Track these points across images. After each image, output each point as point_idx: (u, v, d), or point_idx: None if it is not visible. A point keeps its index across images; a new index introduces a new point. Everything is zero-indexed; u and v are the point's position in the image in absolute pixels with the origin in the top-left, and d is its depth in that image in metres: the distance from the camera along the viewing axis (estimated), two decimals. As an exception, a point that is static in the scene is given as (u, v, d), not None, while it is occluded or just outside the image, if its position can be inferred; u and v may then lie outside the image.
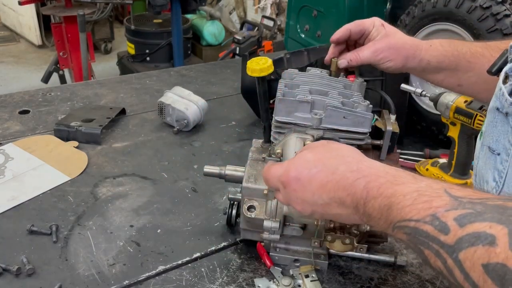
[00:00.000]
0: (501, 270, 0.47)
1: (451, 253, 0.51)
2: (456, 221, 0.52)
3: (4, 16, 5.90)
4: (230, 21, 5.19)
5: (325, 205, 0.70)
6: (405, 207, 0.57)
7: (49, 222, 1.13)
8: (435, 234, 0.53)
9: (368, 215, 0.64)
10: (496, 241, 0.48)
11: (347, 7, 2.06)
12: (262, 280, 1.00)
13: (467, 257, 0.50)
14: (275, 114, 0.95)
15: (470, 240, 0.50)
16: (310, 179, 0.70)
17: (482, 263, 0.48)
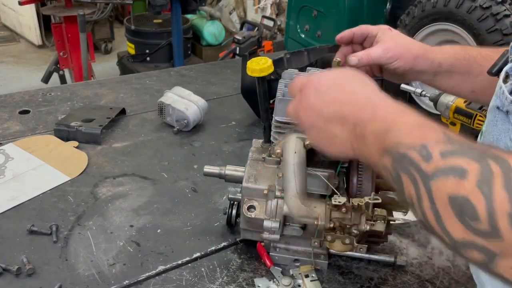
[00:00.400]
0: (463, 201, 0.50)
1: (425, 181, 0.54)
2: (440, 153, 0.54)
3: (4, 16, 5.90)
4: (230, 21, 5.19)
5: (327, 120, 0.72)
6: (402, 134, 0.60)
7: (49, 222, 1.13)
8: (418, 161, 0.55)
9: (362, 138, 0.66)
10: (467, 175, 0.50)
11: (347, 7, 2.07)
12: (262, 280, 1.00)
13: (438, 186, 0.52)
14: (275, 114, 0.95)
15: (445, 171, 0.52)
16: (328, 90, 0.73)
17: (449, 194, 0.51)
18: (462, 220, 0.50)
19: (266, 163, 1.01)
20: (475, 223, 0.49)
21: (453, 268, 1.07)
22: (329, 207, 0.92)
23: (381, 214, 0.90)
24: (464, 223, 0.50)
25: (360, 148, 0.68)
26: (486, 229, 0.49)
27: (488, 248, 0.49)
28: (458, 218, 0.51)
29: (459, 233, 0.51)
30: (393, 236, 1.15)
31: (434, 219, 0.54)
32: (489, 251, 0.50)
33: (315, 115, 0.74)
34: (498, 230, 0.48)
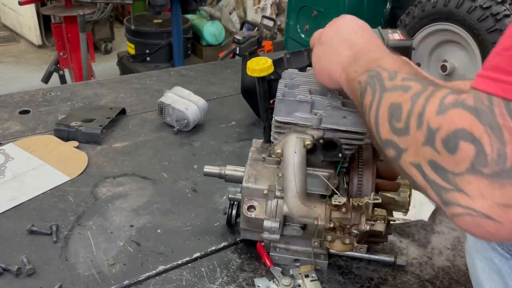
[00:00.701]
0: (396, 107, 0.61)
1: (381, 92, 0.66)
2: (403, 78, 0.66)
3: (4, 16, 5.89)
4: (230, 21, 5.19)
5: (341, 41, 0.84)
6: (386, 62, 0.72)
7: (49, 222, 1.13)
8: (385, 79, 0.67)
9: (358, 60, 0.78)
10: (409, 90, 0.61)
11: (347, 7, 2.07)
12: (262, 280, 1.00)
13: (388, 96, 0.65)
14: (275, 114, 0.95)
15: (397, 87, 0.64)
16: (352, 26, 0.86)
17: (391, 101, 0.63)
18: (389, 122, 0.62)
19: (266, 163, 1.01)
20: (397, 123, 0.61)
21: (453, 268, 1.07)
22: (329, 207, 0.92)
23: (381, 214, 0.90)
24: (390, 124, 0.62)
25: (350, 67, 0.79)
26: (402, 127, 0.60)
27: (399, 145, 0.61)
28: (388, 120, 0.63)
29: (385, 133, 0.63)
30: (393, 236, 1.15)
31: (374, 122, 0.66)
32: (399, 147, 0.61)
33: (336, 34, 0.85)
34: (408, 127, 0.59)
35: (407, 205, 1.03)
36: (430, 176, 0.57)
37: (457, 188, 0.54)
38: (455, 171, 0.53)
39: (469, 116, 0.52)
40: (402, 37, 1.29)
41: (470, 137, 0.52)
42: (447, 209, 0.56)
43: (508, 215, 0.51)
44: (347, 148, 0.93)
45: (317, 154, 0.94)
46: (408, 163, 0.60)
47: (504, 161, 0.50)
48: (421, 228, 1.19)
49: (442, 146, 0.54)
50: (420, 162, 0.57)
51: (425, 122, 0.56)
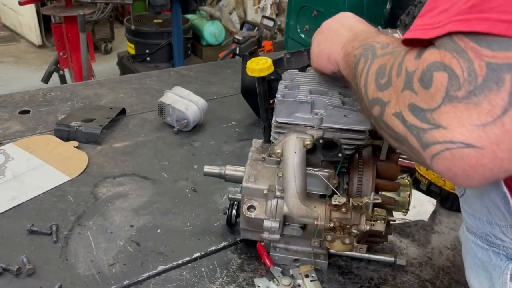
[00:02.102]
0: (382, 67, 0.65)
1: (373, 58, 0.70)
2: (395, 46, 0.69)
3: (4, 16, 5.89)
4: (230, 21, 5.19)
5: (342, 25, 0.89)
6: (381, 37, 0.76)
7: (49, 222, 1.13)
8: (377, 49, 0.71)
9: (357, 37, 0.81)
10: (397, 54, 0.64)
11: (347, 7, 2.06)
12: (262, 280, 1.00)
13: (377, 61, 0.68)
14: (275, 115, 0.95)
15: (388, 53, 0.68)
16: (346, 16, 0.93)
17: (379, 64, 0.66)
18: (376, 80, 0.65)
19: (266, 163, 1.01)
20: (382, 79, 0.64)
21: (453, 268, 1.07)
22: (329, 207, 0.92)
23: (381, 214, 0.90)
24: (376, 83, 0.65)
25: (349, 44, 0.82)
26: (385, 81, 0.63)
27: (383, 99, 0.63)
28: (375, 79, 0.65)
29: (372, 92, 0.66)
30: (393, 236, 1.15)
31: (363, 85, 0.69)
32: (383, 102, 0.63)
33: (337, 22, 0.91)
34: (390, 79, 0.61)
35: (407, 205, 1.03)
36: (409, 120, 0.58)
37: (435, 125, 0.54)
38: (432, 107, 0.55)
39: (437, 50, 0.55)
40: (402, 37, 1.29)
41: (441, 65, 0.54)
42: (427, 152, 0.56)
43: (488, 134, 0.50)
44: (347, 147, 0.93)
45: (317, 154, 0.94)
46: (390, 115, 0.61)
47: (475, 77, 0.51)
48: (421, 228, 1.19)
49: (419, 84, 0.56)
50: (400, 109, 0.59)
51: (404, 68, 0.59)
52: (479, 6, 0.52)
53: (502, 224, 0.70)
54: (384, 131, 0.67)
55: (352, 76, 0.77)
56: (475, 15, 0.52)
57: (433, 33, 0.56)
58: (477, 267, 0.76)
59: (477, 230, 0.75)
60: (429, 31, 0.57)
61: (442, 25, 0.55)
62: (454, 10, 0.55)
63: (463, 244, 0.82)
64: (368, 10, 2.12)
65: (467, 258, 0.80)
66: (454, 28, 0.53)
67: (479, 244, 0.75)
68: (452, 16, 0.54)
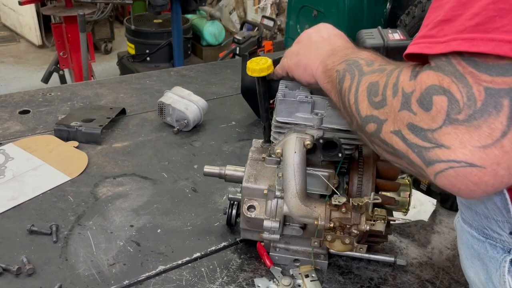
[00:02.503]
0: (374, 84, 0.66)
1: (360, 76, 0.71)
2: (380, 65, 0.71)
3: (4, 16, 5.90)
4: (230, 21, 5.19)
5: (324, 39, 0.89)
6: (362, 54, 0.78)
7: (49, 222, 1.13)
8: (363, 66, 0.73)
9: (336, 52, 0.83)
10: (385, 70, 0.67)
11: (347, 7, 2.07)
12: (262, 280, 1.00)
13: (366, 79, 0.69)
14: (276, 115, 0.95)
15: (376, 70, 0.69)
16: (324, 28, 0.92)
17: (369, 81, 0.68)
18: (368, 98, 0.67)
19: (266, 163, 1.01)
20: (375, 98, 0.65)
21: (453, 268, 1.07)
22: (329, 207, 0.92)
23: (381, 214, 0.90)
24: (369, 100, 0.66)
25: (328, 59, 0.83)
26: (380, 100, 0.64)
27: (379, 117, 0.64)
28: (367, 97, 0.67)
29: (364, 110, 0.67)
30: (393, 236, 1.15)
31: (353, 102, 0.70)
32: (379, 119, 0.64)
33: (316, 33, 0.91)
34: (385, 98, 0.63)
35: (407, 205, 1.03)
36: (410, 139, 0.60)
37: (437, 144, 0.56)
38: (433, 127, 0.56)
39: (434, 73, 0.57)
40: (402, 37, 1.30)
41: (441, 89, 0.56)
42: (430, 169, 0.58)
43: (489, 155, 0.53)
44: (347, 147, 0.93)
45: (317, 154, 0.94)
46: (389, 133, 0.63)
47: (475, 102, 0.53)
48: (421, 228, 1.19)
49: (418, 106, 0.58)
50: (399, 128, 0.61)
51: (400, 89, 0.61)
52: (484, 25, 0.53)
53: (498, 219, 0.71)
54: (379, 147, 0.69)
55: (336, 91, 0.78)
56: (480, 34, 0.53)
57: (438, 49, 0.57)
58: (473, 258, 0.77)
59: (473, 222, 0.76)
60: (433, 45, 0.58)
61: (447, 40, 0.56)
62: (459, 24, 0.55)
63: (458, 234, 0.83)
64: (368, 10, 2.12)
65: (463, 248, 0.80)
66: (459, 48, 0.54)
67: (475, 235, 0.76)
68: (457, 33, 0.55)
